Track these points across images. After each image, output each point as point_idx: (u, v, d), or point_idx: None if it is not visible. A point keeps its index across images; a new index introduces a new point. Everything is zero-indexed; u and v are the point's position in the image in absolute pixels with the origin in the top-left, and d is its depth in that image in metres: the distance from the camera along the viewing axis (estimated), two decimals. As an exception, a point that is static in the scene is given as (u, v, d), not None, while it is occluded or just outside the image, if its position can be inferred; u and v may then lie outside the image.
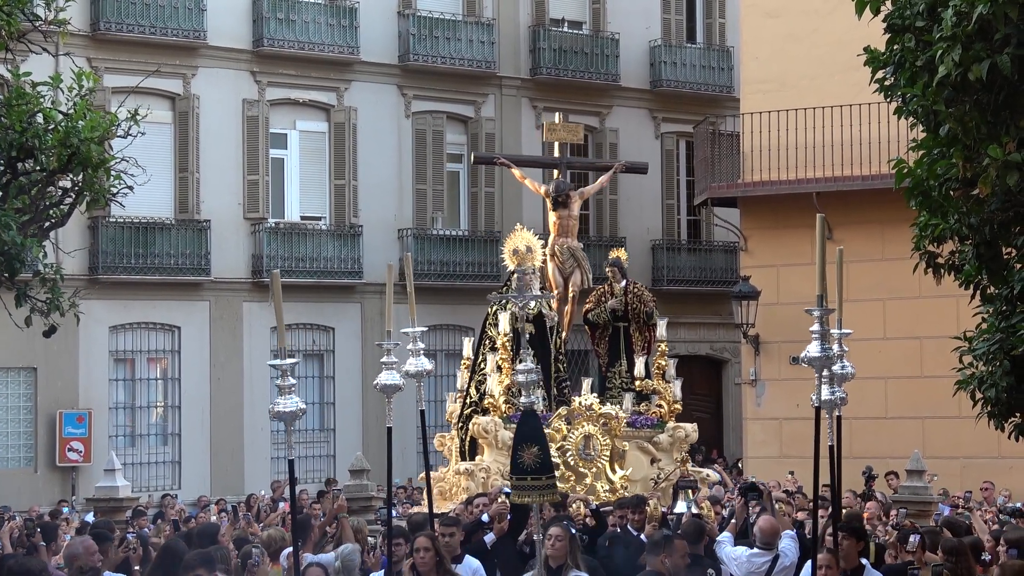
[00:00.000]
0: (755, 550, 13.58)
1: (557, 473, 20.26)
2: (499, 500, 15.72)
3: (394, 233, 34.03)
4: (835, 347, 10.88)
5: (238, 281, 32.21)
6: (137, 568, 14.17)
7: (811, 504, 17.31)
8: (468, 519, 15.90)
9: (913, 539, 13.54)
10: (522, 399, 11.82)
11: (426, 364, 12.83)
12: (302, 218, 33.51)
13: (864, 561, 12.61)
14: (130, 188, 14.74)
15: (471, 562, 13.53)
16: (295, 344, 32.97)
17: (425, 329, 13.71)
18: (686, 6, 38.49)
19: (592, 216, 36.62)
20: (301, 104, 33.74)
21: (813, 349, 10.18)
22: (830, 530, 12.13)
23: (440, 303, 33.49)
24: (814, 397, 10.65)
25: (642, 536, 16.01)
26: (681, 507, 16.54)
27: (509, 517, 15.15)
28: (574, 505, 17.95)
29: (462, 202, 35.65)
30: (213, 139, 32.21)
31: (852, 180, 29.16)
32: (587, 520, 16.96)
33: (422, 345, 12.85)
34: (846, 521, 13.43)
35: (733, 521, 14.85)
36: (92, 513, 22.35)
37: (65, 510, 24.95)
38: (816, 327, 10.09)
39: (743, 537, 14.61)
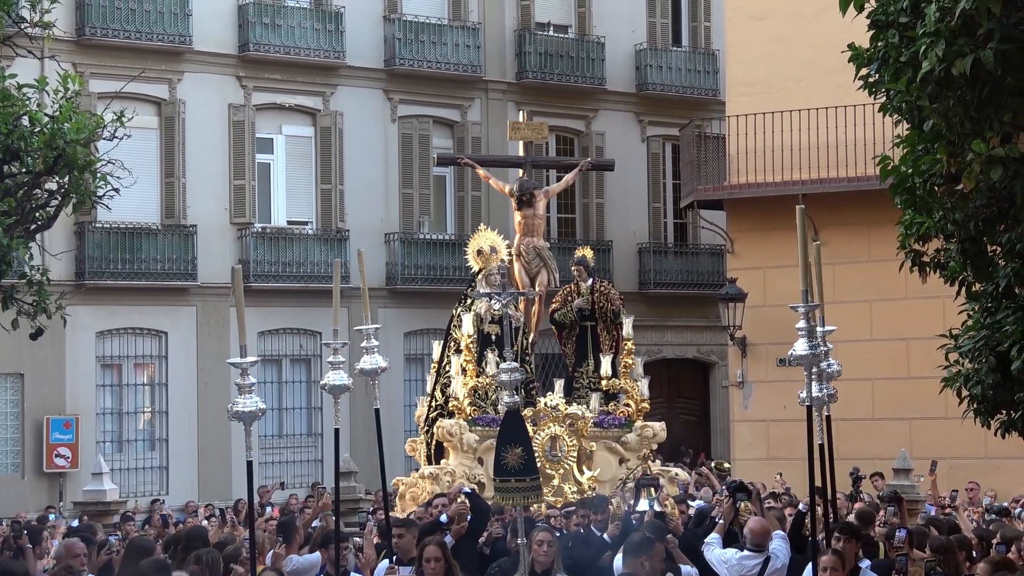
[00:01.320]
0: (745, 552, 13.35)
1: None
2: (458, 500, 15.41)
3: (381, 237, 34.03)
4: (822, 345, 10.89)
5: (224, 286, 32.12)
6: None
7: (796, 504, 17.36)
8: (429, 521, 15.73)
9: (899, 534, 13.56)
10: (505, 399, 11.68)
11: (380, 361, 12.70)
12: (288, 223, 33.50)
13: (865, 562, 12.58)
14: (116, 190, 14.73)
15: None
16: (283, 349, 32.99)
17: (379, 326, 13.50)
18: (671, 9, 38.53)
19: (579, 220, 36.67)
20: (287, 109, 33.73)
21: (800, 347, 10.14)
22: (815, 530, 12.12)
23: (427, 307, 33.45)
24: (801, 395, 10.61)
25: (605, 536, 15.89)
26: (644, 505, 16.38)
27: (469, 518, 14.87)
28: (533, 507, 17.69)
29: (448, 206, 35.66)
30: (199, 144, 32.19)
31: (838, 182, 29.21)
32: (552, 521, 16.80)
33: (376, 342, 12.70)
34: (847, 522, 13.44)
35: (721, 522, 14.57)
36: (78, 519, 22.30)
37: (52, 516, 24.89)
38: (802, 323, 10.08)
39: (732, 539, 14.44)
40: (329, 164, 33.69)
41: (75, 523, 22.14)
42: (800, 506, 15.62)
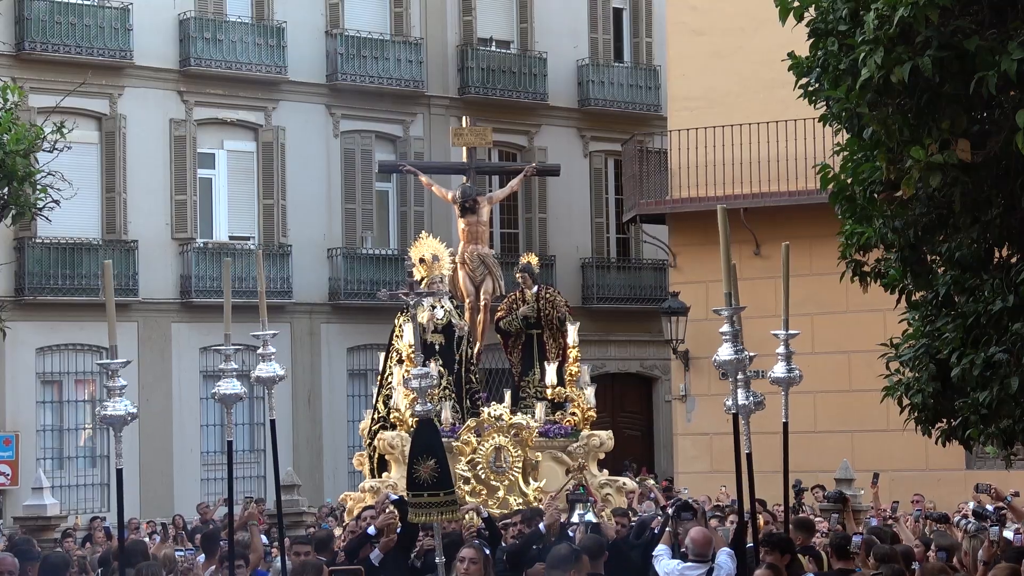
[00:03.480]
0: (688, 563, 13.17)
1: (468, 487, 20.00)
2: (387, 511, 14.70)
3: (323, 252, 33.94)
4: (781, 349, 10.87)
5: (166, 302, 32.00)
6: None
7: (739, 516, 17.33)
8: (357, 535, 15.13)
9: (856, 539, 13.54)
10: (417, 407, 11.07)
11: (277, 369, 12.40)
12: (230, 238, 33.35)
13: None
14: (56, 202, 14.63)
15: None
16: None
17: (276, 332, 13.06)
18: (613, 25, 38.68)
19: (522, 234, 36.67)
20: (229, 124, 33.60)
21: (724, 352, 10.08)
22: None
23: (370, 322, 33.34)
24: (728, 403, 10.55)
25: (541, 527, 15.68)
26: (589, 517, 16.18)
27: (399, 531, 14.20)
28: (467, 516, 17.46)
29: (391, 221, 35.60)
30: (140, 159, 32.01)
31: (779, 196, 29.35)
32: (482, 531, 16.52)
33: (273, 349, 12.39)
34: (772, 534, 13.40)
35: (668, 530, 14.29)
36: (15, 534, 22.08)
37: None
38: (726, 328, 10.06)
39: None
40: (271, 179, 33.59)
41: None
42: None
